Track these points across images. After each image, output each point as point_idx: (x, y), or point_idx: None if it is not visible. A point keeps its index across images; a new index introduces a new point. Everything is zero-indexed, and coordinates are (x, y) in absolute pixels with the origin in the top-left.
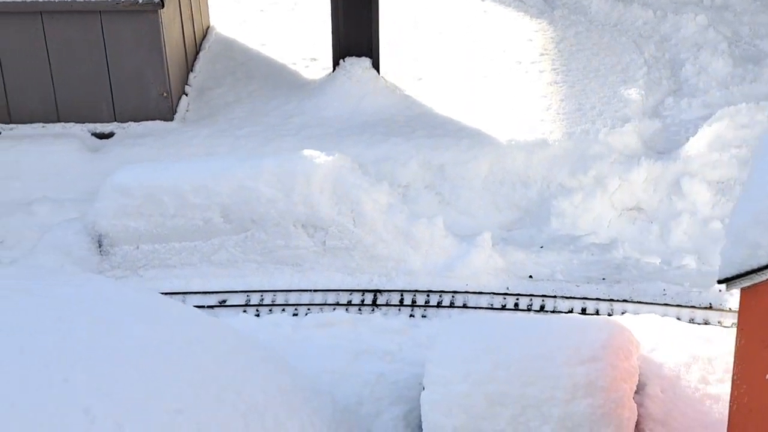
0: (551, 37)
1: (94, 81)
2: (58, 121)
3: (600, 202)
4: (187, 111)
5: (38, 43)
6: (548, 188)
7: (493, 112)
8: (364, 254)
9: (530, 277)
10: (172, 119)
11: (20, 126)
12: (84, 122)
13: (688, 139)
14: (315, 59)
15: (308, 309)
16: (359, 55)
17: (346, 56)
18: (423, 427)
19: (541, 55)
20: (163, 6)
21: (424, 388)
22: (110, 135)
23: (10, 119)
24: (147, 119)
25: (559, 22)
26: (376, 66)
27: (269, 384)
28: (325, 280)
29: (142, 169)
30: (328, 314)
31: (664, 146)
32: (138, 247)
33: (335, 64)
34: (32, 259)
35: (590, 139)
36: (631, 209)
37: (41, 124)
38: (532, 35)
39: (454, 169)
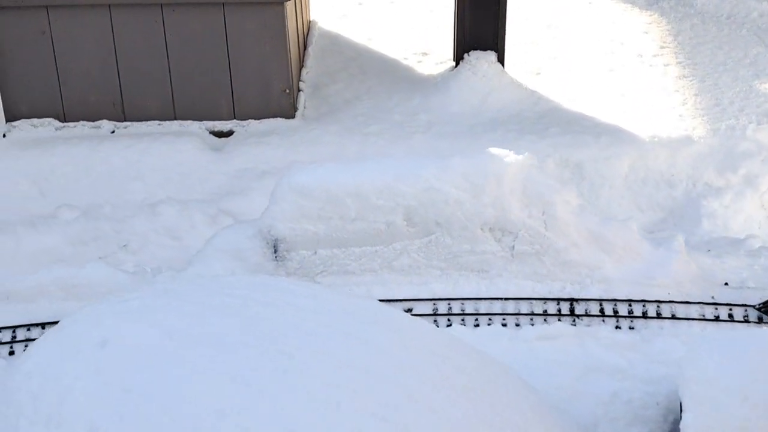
0: (667, 30)
1: (213, 76)
2: (175, 118)
3: (750, 202)
4: (305, 108)
5: (157, 37)
6: (694, 187)
7: (627, 108)
8: (555, 260)
9: (726, 284)
10: (293, 116)
11: (135, 124)
12: (202, 120)
13: None
14: (426, 54)
15: (517, 320)
16: (484, 49)
17: (470, 50)
18: None
19: (662, 48)
20: None
21: (682, 411)
22: (230, 133)
23: (124, 117)
24: (268, 116)
25: (670, 14)
26: (501, 60)
27: (519, 400)
28: (515, 288)
29: (322, 169)
30: (550, 326)
31: None
32: (316, 253)
33: (458, 58)
34: (202, 266)
35: (737, 135)
36: None
37: (157, 122)
38: (646, 27)
39: (594, 168)
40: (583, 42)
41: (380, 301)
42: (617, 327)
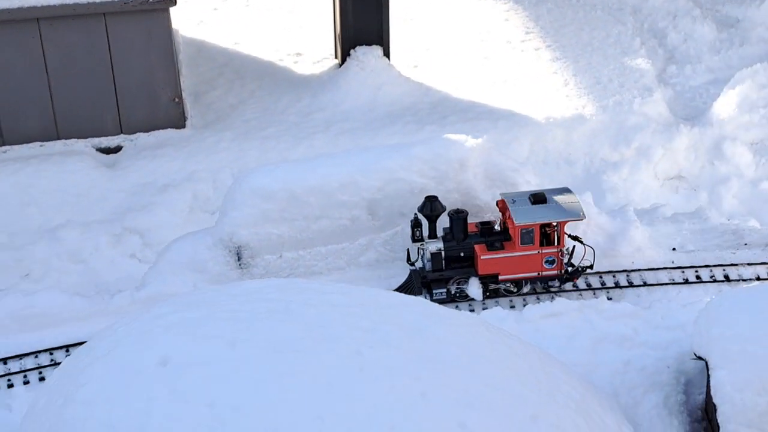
0: (526, 16)
1: (97, 91)
2: (58, 138)
3: (645, 173)
4: (191, 117)
5: (35, 53)
6: (592, 163)
7: (513, 92)
8: None
9: (674, 249)
10: (184, 126)
11: (15, 147)
12: (87, 137)
13: (709, 105)
14: (300, 54)
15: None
16: (369, 44)
17: (355, 45)
18: (721, 409)
19: (527, 33)
20: (175, 3)
21: (708, 368)
22: (117, 149)
23: (2, 141)
24: (157, 128)
25: (523, 1)
26: (387, 54)
27: (575, 381)
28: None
29: (280, 169)
30: (553, 304)
31: (686, 113)
32: (281, 256)
33: (344, 54)
34: (159, 283)
35: (625, 110)
36: (672, 178)
37: (39, 143)
38: (505, 15)
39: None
40: (451, 33)
41: None
42: (609, 298)
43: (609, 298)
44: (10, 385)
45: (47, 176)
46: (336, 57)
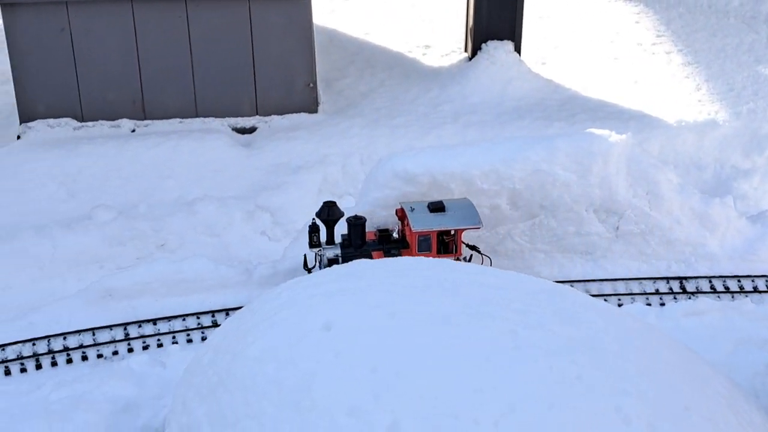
0: (657, 19)
1: (237, 72)
2: (197, 116)
3: None
4: (323, 103)
5: (180, 33)
6: (723, 170)
7: (644, 94)
8: (660, 239)
9: None
10: (316, 111)
11: (156, 122)
12: (224, 116)
13: None
14: (429, 46)
15: (647, 299)
16: (501, 39)
17: (486, 40)
18: None
19: (658, 36)
20: None
21: None
22: (252, 130)
23: (144, 115)
24: (291, 112)
25: (654, 4)
26: (518, 50)
27: (721, 377)
28: (621, 269)
29: (424, 154)
30: (696, 302)
31: None
32: None
33: (475, 48)
34: (300, 257)
35: (759, 118)
36: None
37: (178, 120)
38: (636, 17)
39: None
40: (581, 32)
41: None
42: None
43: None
44: (159, 345)
45: (186, 151)
46: (466, 50)
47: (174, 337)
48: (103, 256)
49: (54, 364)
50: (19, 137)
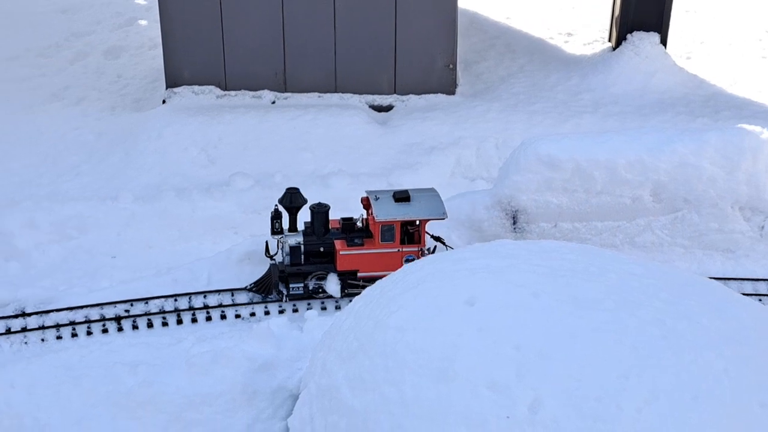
0: None
1: (378, 50)
2: (336, 91)
3: None
4: (461, 85)
5: (326, 7)
6: None
7: None
8: None
9: None
10: (453, 93)
11: (296, 95)
12: (362, 93)
13: None
14: (571, 34)
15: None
16: (647, 30)
17: (632, 30)
18: None
19: None
20: None
21: None
22: (389, 108)
23: (285, 88)
24: (428, 92)
25: None
26: (664, 42)
27: None
28: (763, 269)
29: (568, 140)
30: None
31: None
32: (556, 225)
33: (619, 38)
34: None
35: None
36: None
37: (317, 94)
38: None
39: None
40: (728, 28)
41: None
42: None
43: None
44: (295, 310)
45: (323, 125)
46: (609, 40)
47: (309, 304)
48: (238, 222)
49: (194, 320)
50: (164, 102)
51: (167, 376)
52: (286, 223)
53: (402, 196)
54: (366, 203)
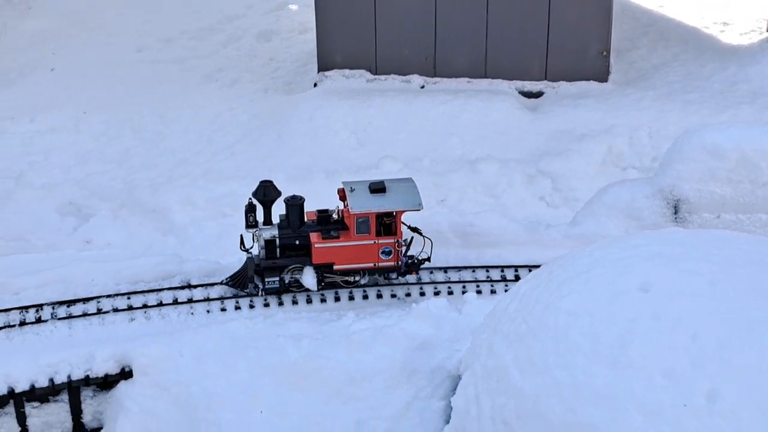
0: None
1: (529, 35)
2: (485, 76)
3: None
4: (612, 72)
5: None
6: None
7: None
8: None
9: None
10: (606, 80)
11: (445, 80)
12: (512, 79)
13: None
14: (727, 23)
15: None
16: None
17: None
18: None
19: None
20: None
21: None
22: (539, 94)
23: (435, 72)
24: (580, 79)
25: None
26: None
27: None
28: None
29: (735, 128)
30: None
31: None
32: (719, 216)
33: None
34: (592, 223)
35: None
36: None
37: (467, 79)
38: None
39: None
40: None
41: None
42: None
43: None
44: (450, 292)
45: (473, 111)
46: None
47: (464, 287)
48: None
49: (351, 298)
50: (315, 85)
51: (329, 350)
52: (260, 216)
53: (377, 188)
54: (342, 194)
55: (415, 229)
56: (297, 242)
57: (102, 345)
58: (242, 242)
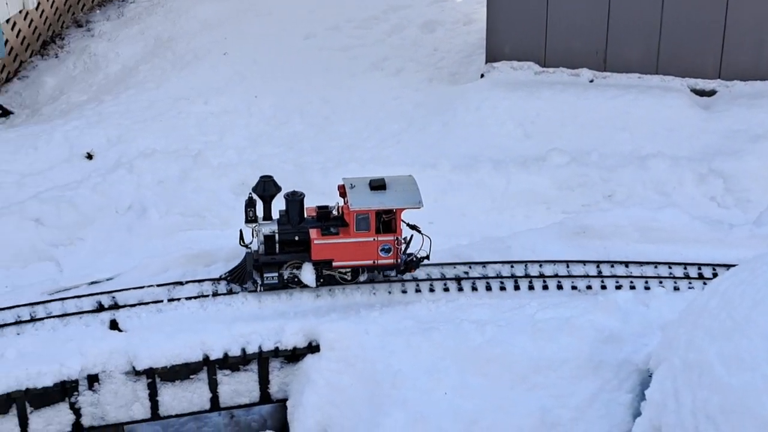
0: None
1: (705, 32)
2: (656, 73)
3: None
4: None
5: None
6: None
7: None
8: None
9: None
10: None
11: (615, 75)
12: (684, 76)
13: None
14: None
15: None
16: None
17: None
18: None
19: None
20: None
21: None
22: (711, 93)
23: (605, 67)
24: (756, 78)
25: None
26: None
27: None
28: None
29: None
30: None
31: None
32: None
33: None
34: None
35: None
36: None
37: (637, 75)
38: None
39: None
40: None
41: None
42: None
43: None
44: (632, 287)
45: (643, 107)
46: None
47: (646, 282)
48: (551, 198)
49: (531, 287)
50: (482, 76)
51: (514, 337)
52: (260, 211)
53: (378, 185)
54: (342, 191)
55: (414, 227)
56: (296, 238)
57: (290, 319)
58: (241, 237)
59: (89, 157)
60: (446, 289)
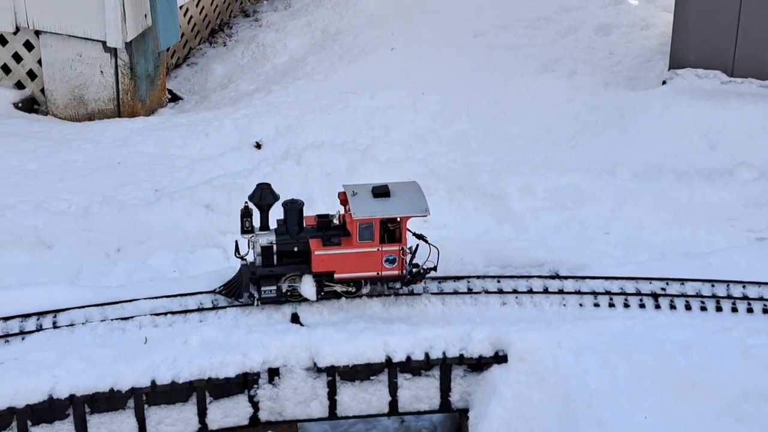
0: None
1: None
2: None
3: None
4: None
5: None
6: None
7: None
8: None
9: None
10: None
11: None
12: None
13: None
14: None
15: None
16: None
17: None
18: None
19: None
20: None
21: None
22: None
23: (732, 72)
24: None
25: None
26: None
27: None
28: None
29: None
30: None
31: None
32: None
33: None
34: None
35: None
36: None
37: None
38: None
39: None
40: None
41: None
42: None
43: None
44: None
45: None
46: None
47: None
48: (737, 215)
49: (734, 309)
50: (664, 82)
51: (722, 362)
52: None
53: (381, 192)
54: (343, 199)
55: (420, 236)
56: (295, 249)
57: (477, 325)
58: (237, 249)
59: (258, 146)
60: (642, 305)
